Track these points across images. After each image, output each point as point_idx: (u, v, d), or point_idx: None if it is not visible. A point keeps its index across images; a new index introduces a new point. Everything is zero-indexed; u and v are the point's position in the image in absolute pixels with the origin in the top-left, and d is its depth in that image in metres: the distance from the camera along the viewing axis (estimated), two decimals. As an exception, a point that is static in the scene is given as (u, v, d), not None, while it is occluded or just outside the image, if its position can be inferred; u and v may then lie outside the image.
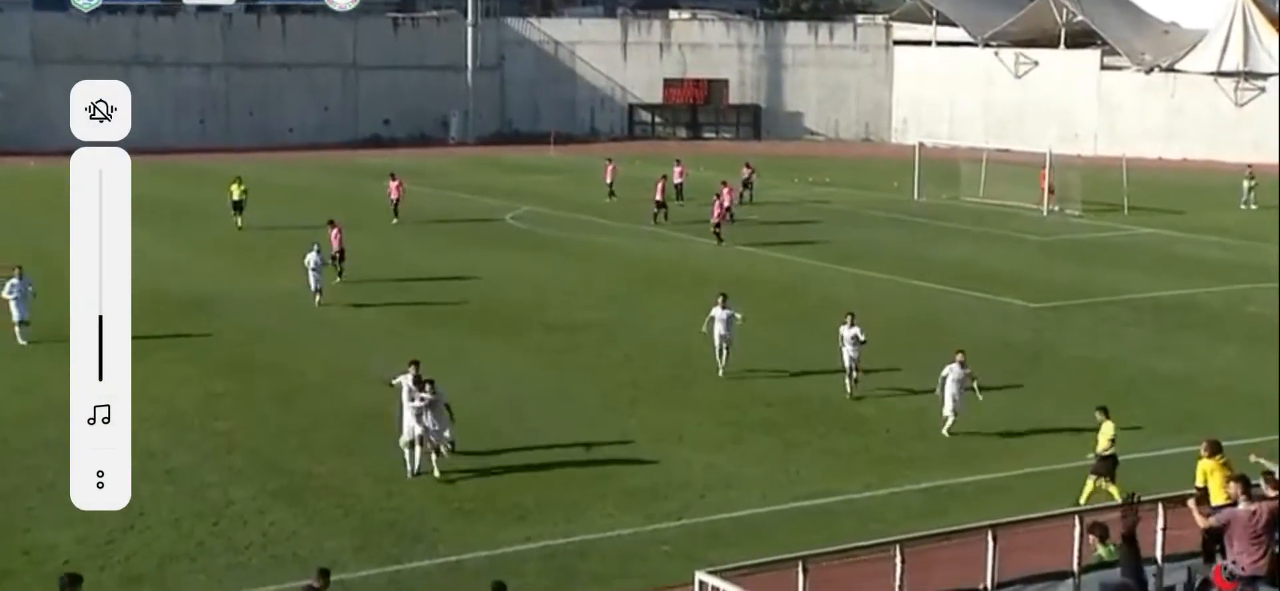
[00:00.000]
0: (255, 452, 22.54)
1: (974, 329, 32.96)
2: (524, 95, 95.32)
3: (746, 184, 56.13)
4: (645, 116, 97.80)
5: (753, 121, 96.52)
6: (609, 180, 57.55)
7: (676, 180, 55.22)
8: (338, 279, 36.87)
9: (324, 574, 14.18)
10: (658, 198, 50.57)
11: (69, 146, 8.13)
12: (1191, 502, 14.13)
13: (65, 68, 79.75)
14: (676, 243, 46.00)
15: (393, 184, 50.93)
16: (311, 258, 34.31)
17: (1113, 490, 19.81)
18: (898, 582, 13.98)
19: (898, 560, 13.90)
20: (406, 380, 21.60)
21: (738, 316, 27.78)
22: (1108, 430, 20.71)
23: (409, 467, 21.19)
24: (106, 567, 17.59)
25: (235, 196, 48.18)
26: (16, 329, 29.54)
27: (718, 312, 27.73)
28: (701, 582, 13.10)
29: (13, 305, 29.66)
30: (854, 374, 26.21)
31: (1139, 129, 79.59)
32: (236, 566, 17.77)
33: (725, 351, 27.68)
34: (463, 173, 69.25)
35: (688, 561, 16.55)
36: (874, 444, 23.51)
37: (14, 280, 29.84)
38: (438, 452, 21.37)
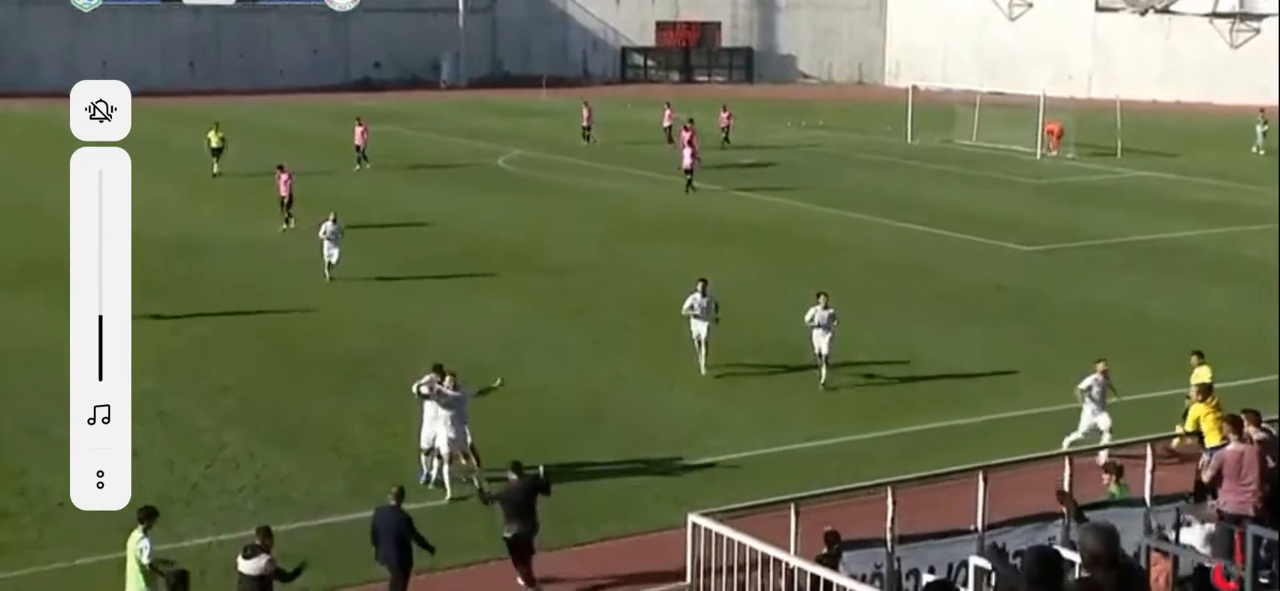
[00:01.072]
0: (247, 396, 22.54)
1: (967, 272, 32.99)
2: (516, 38, 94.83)
3: (724, 130, 55.66)
4: (638, 59, 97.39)
5: (745, 64, 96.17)
6: (586, 123, 57.47)
7: (665, 123, 55.00)
8: (284, 226, 36.67)
9: (400, 492, 15.16)
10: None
11: (59, 88, 8.06)
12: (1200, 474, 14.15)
13: (52, 9, 79.31)
14: (669, 186, 45.86)
15: (359, 129, 50.16)
16: (327, 227, 30.84)
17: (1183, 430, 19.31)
18: (889, 524, 14.02)
19: (889, 501, 13.94)
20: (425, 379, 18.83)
21: (718, 305, 24.14)
22: (1204, 375, 19.68)
23: (424, 473, 18.66)
24: (100, 509, 17.60)
25: (213, 143, 47.37)
26: None
27: (697, 300, 24.02)
28: (694, 525, 13.12)
29: None
30: (826, 363, 23.31)
31: (1133, 71, 79.39)
32: (230, 508, 17.80)
33: (705, 347, 23.93)
34: (454, 116, 68.96)
35: (679, 504, 16.59)
36: (863, 387, 23.54)
37: None
38: (462, 458, 18.50)
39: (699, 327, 24.04)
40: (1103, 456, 16.81)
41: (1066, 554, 11.87)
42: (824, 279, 31.69)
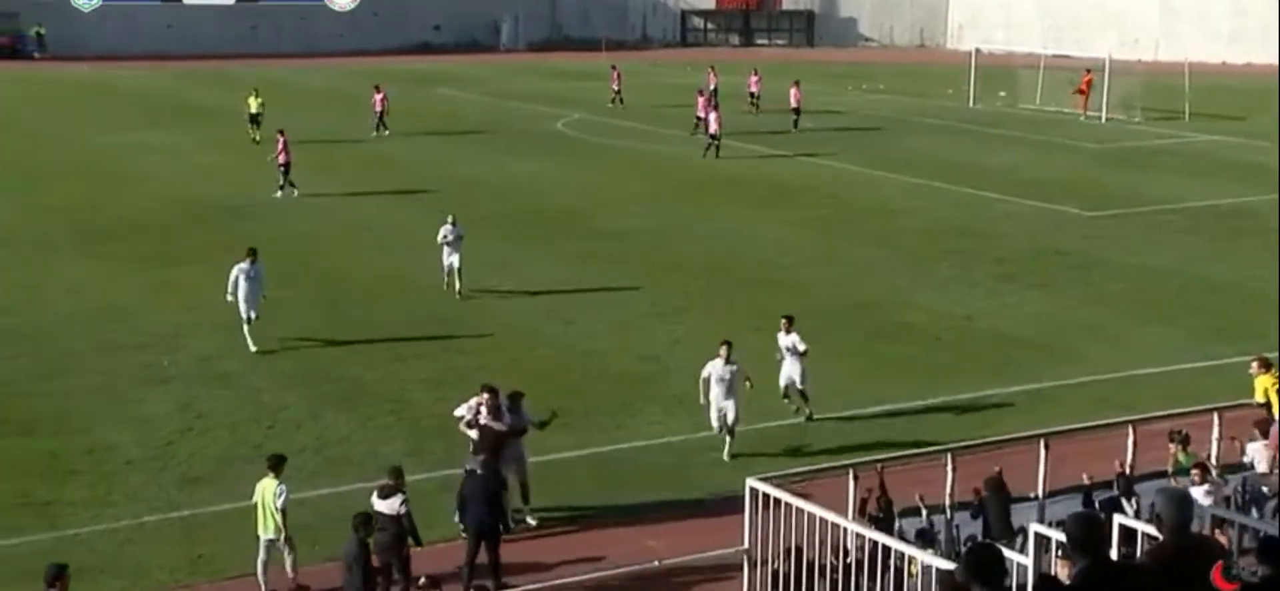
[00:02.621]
0: (307, 358, 22.75)
1: (1026, 236, 32.68)
2: (575, 1, 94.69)
3: (752, 95, 55.08)
4: (698, 22, 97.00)
5: (806, 27, 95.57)
6: (615, 86, 57.70)
7: (711, 85, 55.07)
8: (279, 192, 36.35)
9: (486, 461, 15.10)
10: (794, 105, 50.49)
11: (122, 52, 8.05)
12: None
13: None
14: (725, 149, 45.77)
15: (377, 96, 49.07)
16: (446, 231, 26.54)
17: None
18: (949, 490, 13.99)
19: (949, 468, 13.90)
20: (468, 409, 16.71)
21: (748, 381, 18.74)
22: None
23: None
24: (165, 468, 17.92)
25: (252, 109, 46.48)
26: (246, 329, 22.87)
27: (715, 369, 18.55)
28: (752, 489, 13.15)
29: (241, 302, 22.93)
30: (797, 397, 19.74)
31: (1201, 33, 78.05)
32: (292, 469, 17.84)
33: (727, 423, 18.53)
34: (514, 79, 69.05)
35: (737, 469, 16.64)
36: (920, 352, 23.41)
37: (243, 265, 23.11)
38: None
39: (724, 405, 18.51)
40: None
41: (1124, 521, 11.79)
42: (883, 242, 31.65)
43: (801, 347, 19.72)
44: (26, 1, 79.64)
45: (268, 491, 14.60)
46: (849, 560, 12.36)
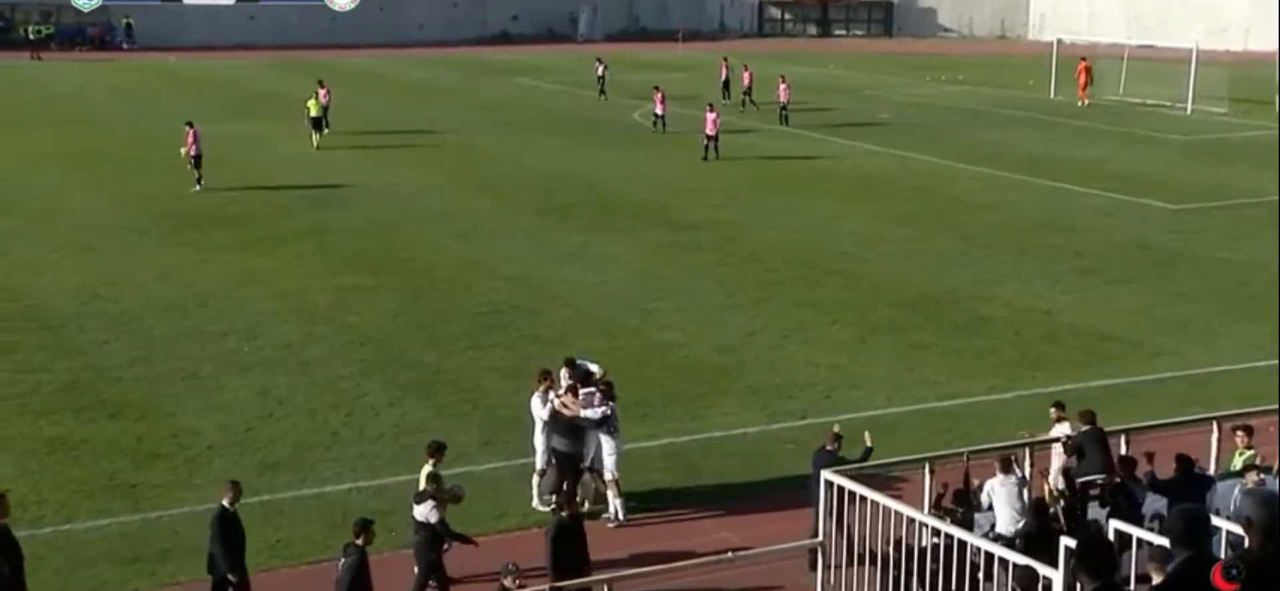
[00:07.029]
0: (385, 346, 22.98)
1: (1110, 230, 32.20)
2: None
3: (747, 90, 54.30)
4: (775, 13, 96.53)
5: (884, 18, 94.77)
6: (600, 73, 57.89)
7: (722, 77, 54.63)
8: (196, 187, 35.89)
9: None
10: (783, 101, 49.76)
11: (208, 43, 8.18)
12: None
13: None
14: (799, 140, 45.58)
15: (321, 91, 46.51)
16: (538, 405, 16.62)
17: None
18: (1027, 483, 13.85)
19: (1027, 462, 13.76)
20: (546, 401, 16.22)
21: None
22: None
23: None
24: (246, 453, 18.20)
25: (313, 113, 44.34)
26: (536, 481, 16.77)
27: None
28: (828, 482, 13.09)
29: (538, 441, 16.68)
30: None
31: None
32: (369, 455, 18.21)
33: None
34: (590, 70, 69.18)
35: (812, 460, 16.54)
36: (1001, 346, 23.17)
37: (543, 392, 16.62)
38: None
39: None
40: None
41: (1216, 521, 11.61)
42: (963, 235, 31.36)
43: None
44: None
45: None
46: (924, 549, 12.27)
